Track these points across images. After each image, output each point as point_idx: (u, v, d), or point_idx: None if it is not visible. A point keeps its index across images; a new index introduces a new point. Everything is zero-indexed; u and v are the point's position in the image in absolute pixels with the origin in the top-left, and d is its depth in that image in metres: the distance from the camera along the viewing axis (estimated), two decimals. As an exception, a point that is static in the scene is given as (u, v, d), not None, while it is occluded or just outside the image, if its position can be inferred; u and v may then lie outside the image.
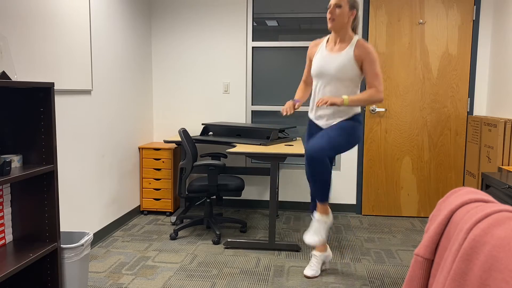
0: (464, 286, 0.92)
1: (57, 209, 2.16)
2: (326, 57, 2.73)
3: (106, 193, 3.55)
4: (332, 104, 2.57)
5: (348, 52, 2.67)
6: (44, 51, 2.66)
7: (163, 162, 4.12)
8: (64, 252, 2.28)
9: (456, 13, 4.03)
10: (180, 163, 3.52)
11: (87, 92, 3.21)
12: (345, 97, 2.60)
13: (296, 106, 2.84)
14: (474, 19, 4.02)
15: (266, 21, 4.34)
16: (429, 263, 1.11)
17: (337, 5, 2.62)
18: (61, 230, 2.86)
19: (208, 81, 4.41)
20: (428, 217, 4.01)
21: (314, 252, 2.89)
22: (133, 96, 4.02)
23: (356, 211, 4.33)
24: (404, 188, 4.23)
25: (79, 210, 3.13)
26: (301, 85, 3.05)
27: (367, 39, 4.12)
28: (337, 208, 4.36)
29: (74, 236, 2.51)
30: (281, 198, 4.44)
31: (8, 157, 2.03)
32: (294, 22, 4.32)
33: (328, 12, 2.66)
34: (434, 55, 4.08)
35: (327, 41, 2.83)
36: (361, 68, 2.69)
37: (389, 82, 4.14)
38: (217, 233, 3.44)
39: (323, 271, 2.92)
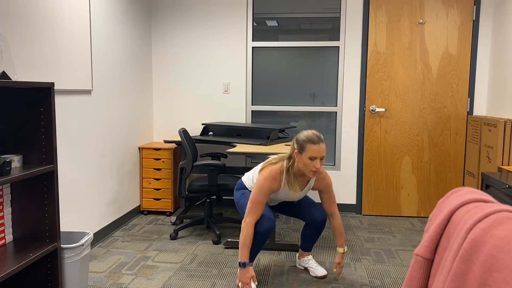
0: (464, 286, 0.92)
1: (57, 209, 2.16)
2: (291, 194, 2.68)
3: (106, 193, 3.55)
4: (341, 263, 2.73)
5: (308, 187, 2.71)
6: (44, 51, 2.66)
7: (163, 162, 4.12)
8: (64, 252, 2.28)
9: (456, 13, 4.03)
10: (180, 163, 3.52)
11: (87, 92, 3.21)
12: (340, 250, 2.72)
13: (254, 279, 2.49)
14: (474, 19, 4.02)
15: (266, 21, 4.34)
16: (429, 263, 1.11)
17: (323, 158, 2.47)
18: (61, 230, 2.86)
19: (208, 81, 4.41)
20: (428, 217, 4.01)
21: (306, 258, 2.92)
22: (133, 96, 4.02)
23: (356, 211, 4.33)
24: (404, 188, 4.23)
25: (79, 210, 3.13)
26: (250, 233, 2.51)
27: (367, 39, 4.12)
28: (337, 208, 4.36)
29: (74, 236, 2.51)
30: (281, 198, 4.44)
31: (8, 157, 2.03)
32: (294, 22, 4.32)
33: (313, 165, 2.43)
34: (434, 55, 4.08)
35: (286, 177, 2.58)
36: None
37: (389, 82, 4.14)
38: (217, 233, 3.44)
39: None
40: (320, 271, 2.82)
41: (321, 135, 2.47)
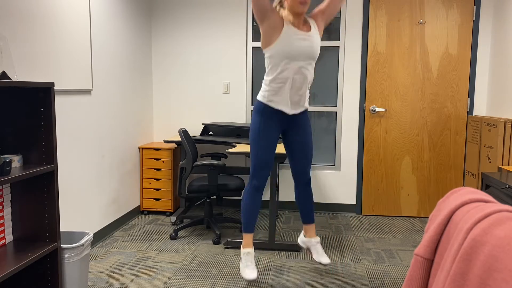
0: (464, 286, 0.92)
1: (57, 209, 2.16)
2: (305, 37, 2.46)
3: (106, 193, 3.55)
4: None
5: (314, 27, 2.55)
6: (44, 51, 2.66)
7: (163, 162, 4.12)
8: (64, 252, 2.28)
9: (456, 13, 4.03)
10: (180, 163, 3.52)
11: (87, 92, 3.21)
12: None
13: None
14: (474, 19, 4.02)
15: (266, 21, 4.34)
16: (429, 263, 1.11)
17: None
18: (61, 230, 2.86)
19: (208, 81, 4.41)
20: (428, 217, 4.01)
21: (314, 239, 2.85)
22: (133, 96, 4.02)
23: (356, 211, 4.33)
24: (404, 188, 4.23)
25: (79, 210, 3.13)
26: None
27: (367, 39, 4.12)
28: (337, 208, 4.36)
29: (74, 236, 2.51)
30: (281, 198, 4.44)
31: (8, 157, 2.03)
32: (294, 22, 4.31)
33: None
34: (434, 55, 4.08)
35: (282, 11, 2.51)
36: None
37: (389, 82, 4.14)
38: (217, 233, 3.44)
39: (324, 271, 2.92)
40: (325, 259, 2.77)
41: None
